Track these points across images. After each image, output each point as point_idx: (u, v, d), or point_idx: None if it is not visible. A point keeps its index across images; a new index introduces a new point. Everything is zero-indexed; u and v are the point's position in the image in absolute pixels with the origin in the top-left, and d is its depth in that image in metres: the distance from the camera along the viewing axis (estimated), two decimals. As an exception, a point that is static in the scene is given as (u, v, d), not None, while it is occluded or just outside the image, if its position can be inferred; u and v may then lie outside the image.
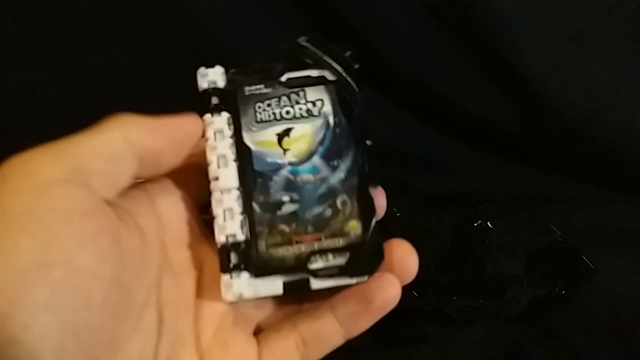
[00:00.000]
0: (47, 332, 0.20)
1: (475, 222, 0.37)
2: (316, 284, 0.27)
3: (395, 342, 0.39)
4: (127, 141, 0.24)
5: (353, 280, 0.27)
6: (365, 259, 0.27)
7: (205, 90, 0.28)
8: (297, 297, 0.29)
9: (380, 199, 0.28)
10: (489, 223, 0.37)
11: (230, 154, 0.27)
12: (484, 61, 0.38)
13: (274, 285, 0.26)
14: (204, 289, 0.27)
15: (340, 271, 0.27)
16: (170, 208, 0.27)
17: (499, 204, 0.38)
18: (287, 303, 0.29)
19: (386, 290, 0.26)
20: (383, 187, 0.31)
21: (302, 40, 0.30)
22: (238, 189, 0.27)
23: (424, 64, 0.38)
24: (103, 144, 0.24)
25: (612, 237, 0.40)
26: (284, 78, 0.29)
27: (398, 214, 0.38)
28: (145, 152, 0.25)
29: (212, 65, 0.29)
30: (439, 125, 0.40)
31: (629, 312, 0.38)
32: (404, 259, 0.27)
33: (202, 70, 0.28)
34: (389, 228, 0.38)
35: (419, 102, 0.40)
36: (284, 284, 0.26)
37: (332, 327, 0.27)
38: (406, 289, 0.38)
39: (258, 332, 0.28)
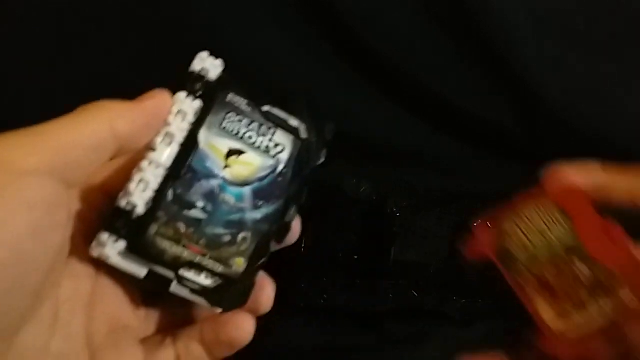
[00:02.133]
0: None
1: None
2: (175, 288, 0.27)
3: (395, 342, 0.39)
4: (112, 132, 0.24)
5: (206, 305, 0.28)
6: (229, 295, 0.28)
7: (194, 72, 0.29)
8: (172, 309, 0.30)
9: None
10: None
11: (180, 137, 0.28)
12: (483, 61, 0.38)
13: (140, 268, 0.27)
14: (99, 292, 0.27)
15: (202, 291, 0.27)
16: (80, 202, 0.27)
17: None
18: (171, 319, 0.30)
19: (236, 329, 0.28)
20: (383, 186, 0.31)
21: (299, 93, 0.31)
22: (166, 169, 0.27)
23: (423, 64, 0.38)
24: (88, 136, 0.24)
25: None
26: (265, 108, 0.30)
27: (398, 214, 0.38)
28: (127, 139, 0.25)
29: (217, 56, 0.29)
30: (439, 125, 0.41)
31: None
32: (260, 292, 0.29)
33: (204, 54, 0.29)
34: (389, 228, 0.38)
35: (419, 102, 0.40)
36: (149, 271, 0.27)
37: (200, 349, 0.28)
38: (406, 289, 0.38)
39: (144, 341, 0.29)
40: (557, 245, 0.32)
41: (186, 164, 0.28)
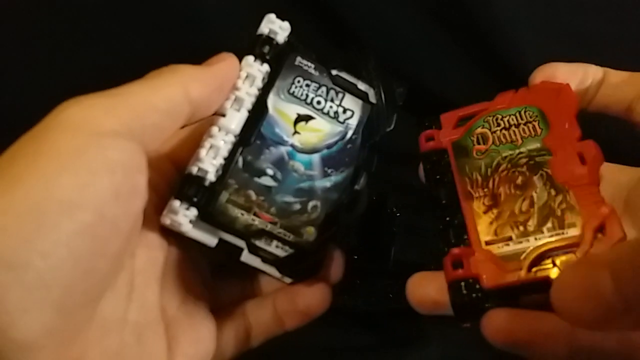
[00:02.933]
0: (61, 265, 0.20)
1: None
2: (246, 257, 0.27)
3: (395, 342, 0.39)
4: (186, 96, 0.24)
5: (278, 275, 0.27)
6: (300, 265, 0.27)
7: (262, 35, 0.28)
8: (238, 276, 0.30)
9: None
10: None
11: (248, 103, 0.27)
12: (483, 62, 0.38)
13: (211, 237, 0.26)
14: (171, 263, 0.27)
15: (273, 261, 0.27)
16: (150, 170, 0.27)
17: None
18: (240, 291, 0.30)
19: (313, 298, 0.28)
20: (382, 186, 0.31)
21: (368, 54, 0.30)
22: (236, 136, 0.27)
23: (423, 64, 0.38)
24: (163, 99, 0.24)
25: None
26: (334, 72, 0.29)
27: (398, 214, 0.38)
28: (200, 104, 0.25)
29: (284, 19, 0.28)
30: (439, 125, 0.41)
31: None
32: (330, 262, 0.29)
33: (271, 16, 0.28)
34: (389, 228, 0.38)
35: (419, 102, 0.40)
36: (220, 240, 0.26)
37: (272, 319, 0.28)
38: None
39: (215, 312, 0.29)
40: (522, 155, 0.29)
41: (255, 130, 0.27)
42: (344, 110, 0.29)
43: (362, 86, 0.30)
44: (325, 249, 0.28)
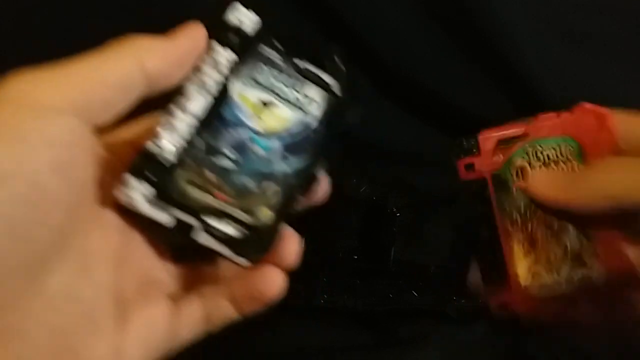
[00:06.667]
0: None
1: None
2: (199, 236, 0.27)
3: (395, 342, 0.39)
4: (141, 70, 0.24)
5: (232, 255, 0.27)
6: (252, 245, 0.27)
7: (229, 23, 0.28)
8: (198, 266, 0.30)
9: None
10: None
11: (212, 86, 0.27)
12: (483, 61, 0.38)
13: (166, 215, 0.26)
14: (128, 245, 0.27)
15: (225, 239, 0.27)
16: (111, 155, 0.27)
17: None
18: (198, 276, 0.30)
19: (266, 283, 0.28)
20: (382, 186, 0.31)
21: (337, 49, 0.30)
22: (196, 117, 0.27)
23: (423, 64, 0.38)
24: (115, 74, 0.23)
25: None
26: (299, 62, 0.30)
27: (398, 214, 0.38)
28: (157, 78, 0.25)
29: (250, 8, 0.29)
30: (438, 125, 0.40)
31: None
32: (283, 244, 0.28)
33: (238, 5, 0.29)
34: (389, 228, 0.38)
35: (419, 101, 0.40)
36: (174, 218, 0.26)
37: (229, 304, 0.28)
38: (406, 289, 0.38)
39: (172, 296, 0.29)
40: None
41: (217, 112, 0.28)
42: (307, 100, 0.30)
43: (326, 77, 0.30)
44: (279, 231, 0.28)
